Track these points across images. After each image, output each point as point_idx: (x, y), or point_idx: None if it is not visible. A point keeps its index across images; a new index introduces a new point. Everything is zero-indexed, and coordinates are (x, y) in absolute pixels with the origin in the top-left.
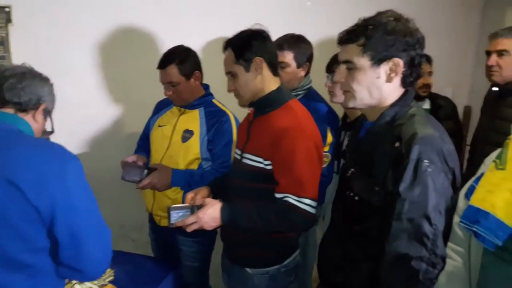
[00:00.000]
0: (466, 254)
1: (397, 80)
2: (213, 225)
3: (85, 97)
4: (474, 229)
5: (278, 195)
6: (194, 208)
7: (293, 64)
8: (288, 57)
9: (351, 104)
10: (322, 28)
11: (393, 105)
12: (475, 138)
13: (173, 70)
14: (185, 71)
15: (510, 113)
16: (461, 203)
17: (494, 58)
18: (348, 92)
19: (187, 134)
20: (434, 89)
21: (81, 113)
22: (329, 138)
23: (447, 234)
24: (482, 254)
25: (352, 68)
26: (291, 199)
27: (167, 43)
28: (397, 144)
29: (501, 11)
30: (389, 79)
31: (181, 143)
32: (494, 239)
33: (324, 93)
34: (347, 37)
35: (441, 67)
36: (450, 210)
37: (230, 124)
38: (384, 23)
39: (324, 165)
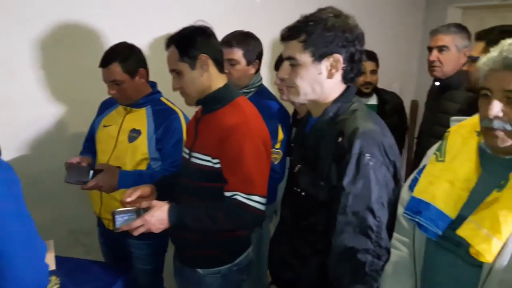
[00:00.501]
0: (411, 244)
1: (338, 76)
2: (161, 227)
3: (26, 96)
4: (417, 219)
5: (227, 194)
6: (141, 211)
7: (243, 61)
8: (237, 54)
9: (295, 100)
10: (272, 25)
11: (335, 101)
12: (421, 131)
13: (116, 68)
14: (129, 68)
15: (450, 107)
16: (405, 195)
17: (435, 54)
18: (292, 88)
19: (134, 134)
20: (382, 85)
21: (22, 113)
22: (280, 135)
23: (391, 225)
24: (425, 244)
25: (295, 64)
26: (240, 197)
27: (112, 40)
28: (339, 139)
29: (442, 9)
30: (330, 75)
31: (128, 143)
32: (435, 229)
33: (276, 90)
34: (289, 34)
35: (389, 63)
36: (393, 202)
37: (179, 122)
38: (324, 19)
39: (276, 162)
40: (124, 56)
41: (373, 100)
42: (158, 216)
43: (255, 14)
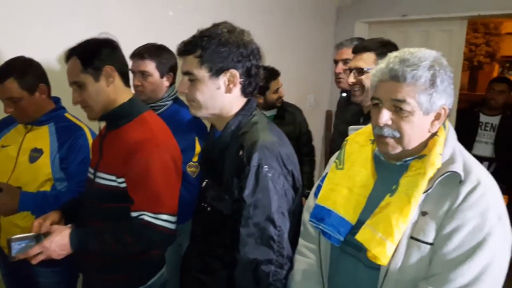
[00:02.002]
0: (318, 251)
1: (237, 90)
2: (62, 253)
3: None
4: (321, 227)
5: (133, 214)
6: (41, 237)
7: (156, 74)
8: (149, 66)
9: (198, 114)
10: (186, 38)
11: (236, 114)
12: (332, 140)
13: (12, 85)
14: (27, 84)
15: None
16: (311, 201)
17: (340, 66)
18: (193, 102)
19: (35, 154)
20: (298, 97)
21: None
22: (198, 148)
23: (295, 233)
24: (330, 250)
25: (193, 79)
26: (147, 217)
27: (8, 55)
28: (240, 153)
29: (350, 23)
30: (228, 90)
31: (29, 163)
32: (337, 235)
33: None
34: (184, 49)
35: (304, 76)
36: (294, 210)
37: (85, 139)
38: (218, 34)
39: (194, 176)
40: (21, 72)
41: (273, 111)
42: (59, 241)
43: (168, 27)
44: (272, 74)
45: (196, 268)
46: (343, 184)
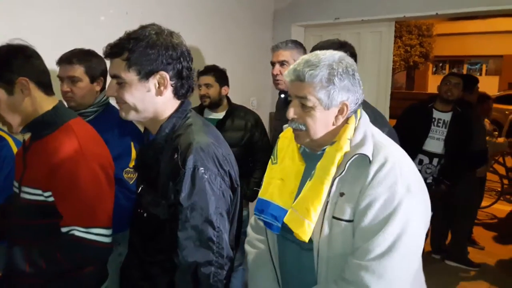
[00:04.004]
0: (266, 241)
1: (168, 93)
2: None
3: None
4: (262, 218)
5: (63, 229)
6: None
7: (85, 79)
8: (78, 71)
9: (129, 117)
10: None
11: (170, 117)
12: (273, 139)
13: None
14: None
15: None
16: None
17: (277, 68)
18: (123, 105)
19: None
20: (241, 100)
21: None
22: (133, 153)
23: (237, 233)
24: (277, 239)
25: (121, 82)
26: (78, 232)
27: None
28: (175, 156)
29: (287, 27)
30: (159, 93)
31: None
32: (276, 222)
33: None
34: (111, 51)
35: (245, 79)
36: (232, 210)
37: (9, 150)
38: (146, 36)
39: (131, 182)
40: None
41: (219, 115)
42: None
43: (100, 32)
44: None
45: (136, 276)
46: (277, 177)
